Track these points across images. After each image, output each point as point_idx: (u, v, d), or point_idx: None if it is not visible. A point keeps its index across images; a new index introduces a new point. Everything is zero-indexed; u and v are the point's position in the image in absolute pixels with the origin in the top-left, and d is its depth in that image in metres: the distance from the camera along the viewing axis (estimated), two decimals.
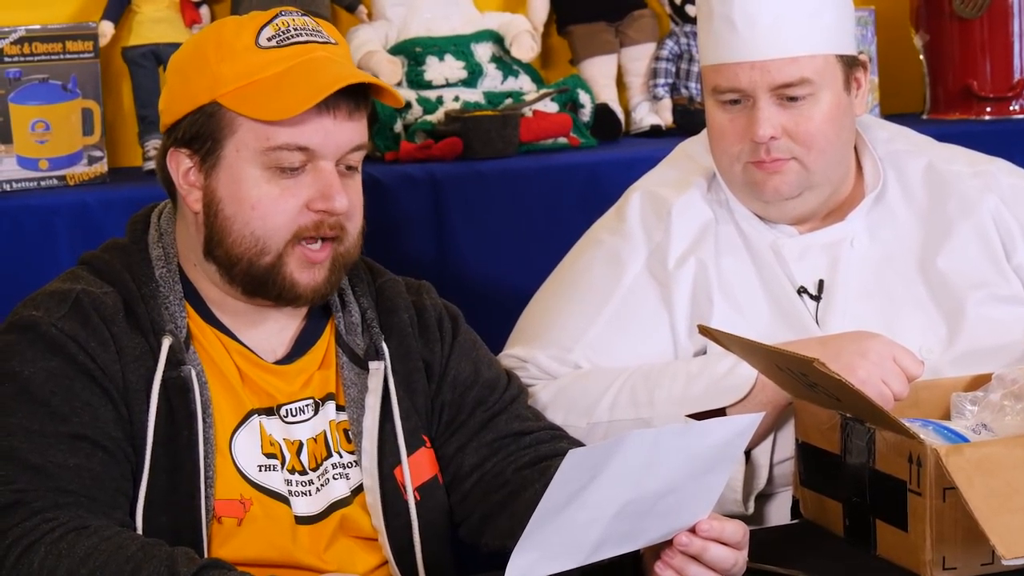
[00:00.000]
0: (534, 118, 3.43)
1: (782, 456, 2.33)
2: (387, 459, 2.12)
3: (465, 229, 3.23)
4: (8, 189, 3.04)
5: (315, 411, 2.12)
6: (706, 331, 2.15)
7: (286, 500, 2.07)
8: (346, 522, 2.10)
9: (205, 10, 3.39)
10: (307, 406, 2.12)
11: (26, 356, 2.00)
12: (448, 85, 3.47)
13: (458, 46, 3.51)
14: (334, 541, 2.09)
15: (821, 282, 2.45)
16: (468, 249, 3.23)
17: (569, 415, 2.37)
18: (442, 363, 2.21)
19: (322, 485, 2.10)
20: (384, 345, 2.15)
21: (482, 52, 3.54)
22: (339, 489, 2.11)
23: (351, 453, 2.13)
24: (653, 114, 3.73)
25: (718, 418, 1.87)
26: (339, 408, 2.14)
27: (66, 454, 1.95)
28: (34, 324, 2.01)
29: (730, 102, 2.41)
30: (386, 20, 3.55)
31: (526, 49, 3.56)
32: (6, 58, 3.02)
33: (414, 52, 3.49)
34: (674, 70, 3.76)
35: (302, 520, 2.07)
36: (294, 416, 2.11)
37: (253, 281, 2.07)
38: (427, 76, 3.46)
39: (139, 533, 1.97)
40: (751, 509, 2.33)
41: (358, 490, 2.12)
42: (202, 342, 2.08)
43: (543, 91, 3.51)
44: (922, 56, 3.97)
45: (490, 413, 2.22)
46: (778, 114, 2.38)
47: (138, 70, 3.32)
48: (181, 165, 2.07)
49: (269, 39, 2.04)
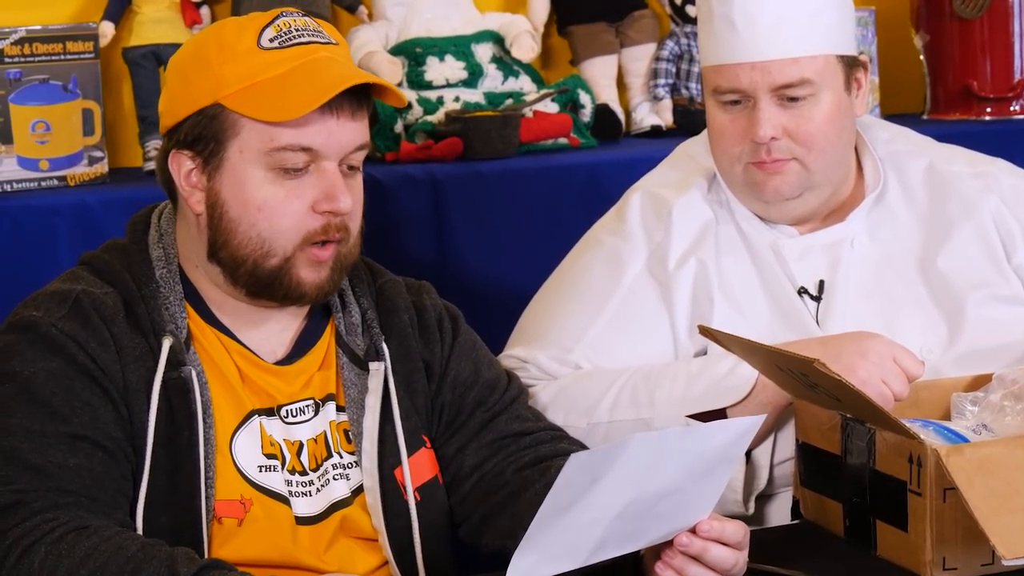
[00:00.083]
0: (534, 118, 3.43)
1: (782, 456, 2.33)
2: (387, 459, 2.12)
3: (465, 229, 3.23)
4: (8, 189, 3.04)
5: (315, 412, 2.12)
6: (706, 331, 2.14)
7: (286, 500, 2.07)
8: (346, 522, 2.10)
9: (206, 10, 3.39)
10: (307, 407, 2.12)
11: (26, 356, 2.00)
12: (448, 85, 3.47)
13: (458, 46, 3.51)
14: (334, 541, 2.09)
15: (821, 282, 2.45)
16: (468, 249, 3.23)
17: (569, 415, 2.36)
18: (442, 363, 2.21)
19: (322, 486, 2.10)
20: (384, 345, 2.15)
21: (482, 52, 3.54)
22: (339, 489, 2.11)
23: (351, 453, 2.13)
24: (653, 114, 3.73)
25: (720, 420, 1.86)
26: (339, 408, 2.14)
27: (66, 454, 1.95)
28: (34, 324, 2.01)
29: (731, 103, 2.41)
30: (386, 20, 3.55)
31: (526, 49, 3.55)
32: (7, 59, 3.02)
33: (414, 52, 3.48)
34: (674, 70, 3.76)
35: (302, 520, 2.07)
36: (294, 417, 2.11)
37: (258, 282, 2.07)
38: (427, 76, 3.46)
39: (139, 533, 1.97)
40: (751, 509, 2.33)
41: (358, 490, 2.12)
42: (202, 342, 2.08)
43: (543, 91, 3.51)
44: (922, 56, 3.96)
45: (490, 414, 2.22)
46: (779, 114, 2.38)
47: (138, 70, 3.32)
48: (183, 167, 2.07)
49: (271, 40, 2.04)
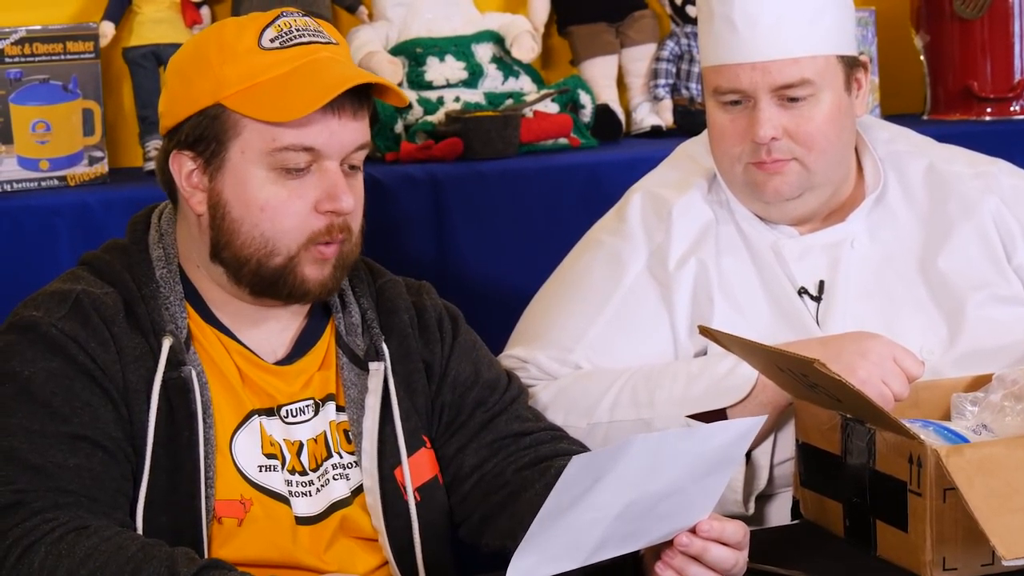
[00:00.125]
0: (535, 119, 3.43)
1: (782, 457, 2.33)
2: (387, 460, 2.12)
3: (465, 230, 3.23)
4: (9, 189, 3.04)
5: (315, 412, 2.12)
6: (706, 332, 2.14)
7: (286, 500, 2.07)
8: (346, 522, 2.10)
9: (206, 10, 3.39)
10: (307, 407, 2.12)
11: (26, 356, 2.00)
12: (449, 86, 3.47)
13: (459, 47, 3.51)
14: (334, 541, 2.09)
15: (822, 283, 2.45)
16: (468, 250, 3.23)
17: (569, 416, 2.36)
18: (442, 364, 2.21)
19: (322, 486, 2.10)
20: (384, 346, 2.15)
21: (483, 53, 3.54)
22: (339, 489, 2.11)
23: (351, 454, 2.13)
24: (654, 115, 3.73)
25: (721, 422, 1.86)
26: (339, 409, 2.14)
27: (66, 454, 1.95)
28: (34, 324, 2.01)
29: (731, 103, 2.41)
30: (387, 21, 3.55)
31: (527, 50, 3.55)
32: (7, 59, 3.02)
33: (415, 53, 3.48)
34: (675, 71, 3.76)
35: (302, 520, 2.07)
36: (294, 417, 2.11)
37: (262, 282, 2.07)
38: (428, 77, 3.46)
39: (139, 533, 1.97)
40: (751, 510, 2.33)
41: (358, 490, 2.12)
42: (202, 342, 2.08)
43: (544, 92, 3.51)
44: (922, 57, 3.96)
45: (490, 414, 2.21)
46: (779, 115, 2.38)
47: (139, 70, 3.32)
48: (184, 168, 2.07)
49: (272, 40, 2.04)
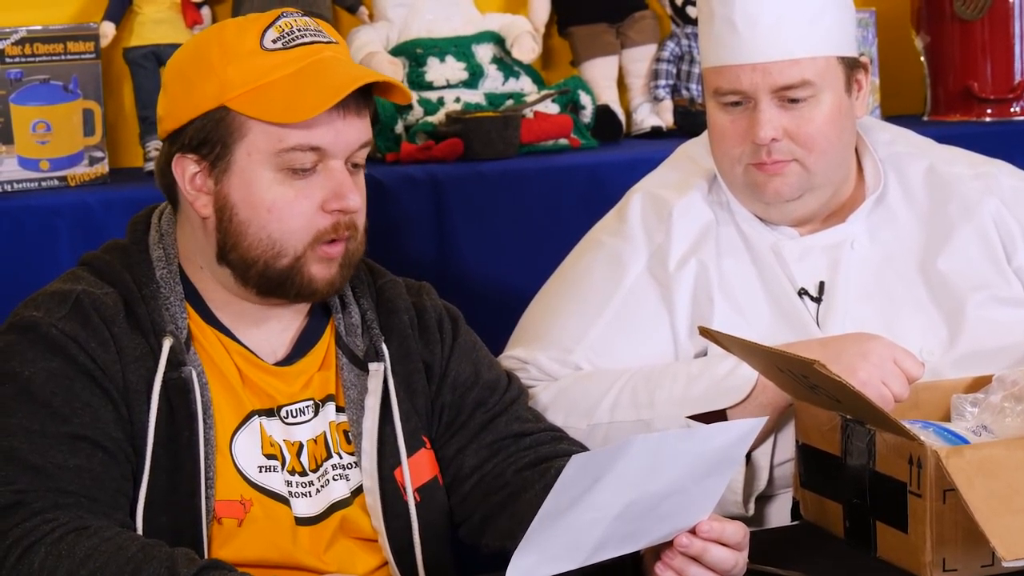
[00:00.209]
0: (535, 119, 3.43)
1: (782, 458, 2.33)
2: (387, 460, 2.12)
3: (466, 230, 3.23)
4: (9, 190, 3.04)
5: (315, 412, 2.12)
6: (707, 332, 2.14)
7: (286, 501, 2.07)
8: (346, 523, 2.10)
9: (206, 11, 3.39)
10: (307, 407, 2.12)
11: (27, 356, 2.00)
12: (449, 86, 3.47)
13: (459, 47, 3.51)
14: (334, 542, 2.09)
15: (822, 284, 2.45)
16: (469, 250, 3.23)
17: (569, 416, 2.36)
18: (442, 364, 2.21)
19: (322, 486, 2.10)
20: (384, 346, 2.15)
21: (483, 53, 3.54)
22: (339, 490, 2.11)
23: (351, 454, 2.13)
24: (654, 115, 3.73)
25: (721, 422, 1.87)
26: (339, 409, 2.14)
27: (66, 455, 1.95)
28: (35, 324, 2.01)
29: (731, 104, 2.41)
30: (387, 21, 3.55)
31: (527, 50, 3.55)
32: (7, 59, 3.02)
33: (415, 53, 3.49)
34: (675, 71, 3.76)
35: (302, 521, 2.07)
36: (294, 417, 2.11)
37: (269, 282, 2.07)
38: (428, 77, 3.46)
39: (139, 534, 1.97)
40: (751, 510, 2.33)
41: (358, 491, 2.12)
42: (202, 343, 2.08)
43: (544, 92, 3.51)
44: (923, 57, 3.97)
45: (490, 414, 2.21)
46: (779, 116, 2.38)
47: (139, 71, 3.32)
48: (187, 171, 2.06)
49: (274, 41, 2.03)
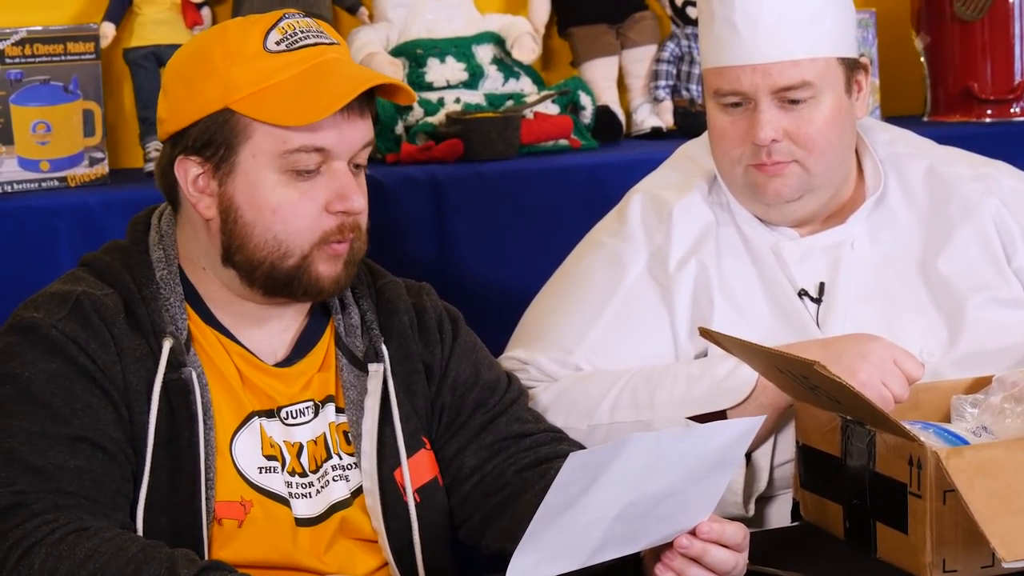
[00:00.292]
0: (535, 120, 3.43)
1: (782, 458, 2.33)
2: (387, 461, 2.12)
3: (466, 231, 3.23)
4: (9, 190, 3.04)
5: (315, 413, 2.12)
6: (707, 333, 2.14)
7: (286, 502, 2.07)
8: (346, 524, 2.10)
9: (207, 11, 3.39)
10: (307, 408, 2.12)
11: (27, 358, 1.99)
12: (449, 87, 3.47)
13: (459, 48, 3.51)
14: (334, 543, 2.09)
15: (822, 284, 2.45)
16: (469, 251, 3.23)
17: (569, 417, 2.36)
18: (442, 365, 2.21)
19: (322, 487, 2.10)
20: (384, 347, 2.15)
21: (483, 54, 3.54)
22: (339, 491, 2.11)
23: (351, 455, 2.13)
24: (654, 116, 3.73)
25: (720, 421, 1.86)
26: (339, 410, 2.14)
27: (67, 456, 1.95)
28: (35, 326, 2.01)
29: (731, 105, 2.41)
30: (387, 22, 3.55)
31: (527, 51, 3.55)
32: (7, 59, 3.02)
33: (415, 54, 3.49)
34: (675, 72, 3.76)
35: (302, 522, 2.07)
36: (294, 418, 2.11)
37: (276, 282, 2.07)
38: (428, 78, 3.46)
39: (139, 535, 1.97)
40: (751, 511, 2.33)
41: (358, 492, 2.12)
42: (202, 344, 2.08)
43: (544, 93, 3.51)
44: (923, 58, 3.97)
45: (490, 415, 2.22)
46: (779, 117, 2.38)
47: (139, 71, 3.32)
48: (190, 173, 2.06)
49: (278, 43, 2.03)
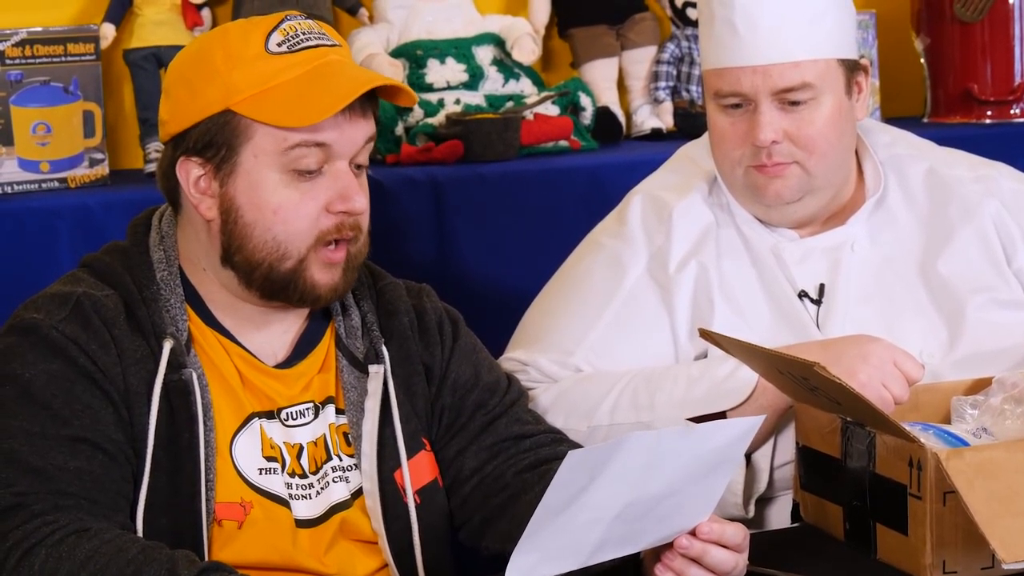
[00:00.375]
0: (535, 121, 3.43)
1: (782, 460, 2.33)
2: (387, 462, 2.12)
3: (466, 232, 3.23)
4: (9, 191, 3.04)
5: (315, 414, 2.12)
6: (707, 335, 2.14)
7: (286, 503, 2.07)
8: (346, 525, 2.10)
9: (207, 12, 3.39)
10: (307, 409, 2.12)
11: (27, 358, 1.99)
12: (449, 88, 3.47)
13: (459, 49, 3.51)
14: (334, 544, 2.09)
15: (822, 286, 2.45)
16: (469, 252, 3.23)
17: (570, 418, 2.36)
18: (442, 366, 2.21)
19: (322, 488, 2.10)
20: (384, 349, 2.15)
21: (483, 55, 3.54)
22: (339, 492, 2.11)
23: (351, 456, 2.13)
24: (654, 117, 3.73)
25: (719, 421, 1.87)
26: (339, 411, 2.14)
27: (67, 456, 1.95)
28: (35, 326, 2.01)
29: (731, 106, 2.41)
30: (387, 23, 3.55)
31: (527, 52, 3.55)
32: (7, 60, 3.02)
33: (415, 55, 3.49)
34: (675, 73, 3.76)
35: (302, 523, 2.07)
36: (294, 420, 2.11)
37: (273, 285, 2.07)
38: (428, 79, 3.46)
39: (139, 536, 1.97)
40: (751, 512, 2.33)
41: (358, 493, 2.12)
42: (203, 345, 2.08)
43: (544, 94, 3.51)
44: (923, 59, 3.97)
45: (490, 416, 2.22)
46: (779, 118, 2.38)
47: (139, 72, 3.32)
48: (191, 174, 2.06)
49: (279, 45, 2.03)
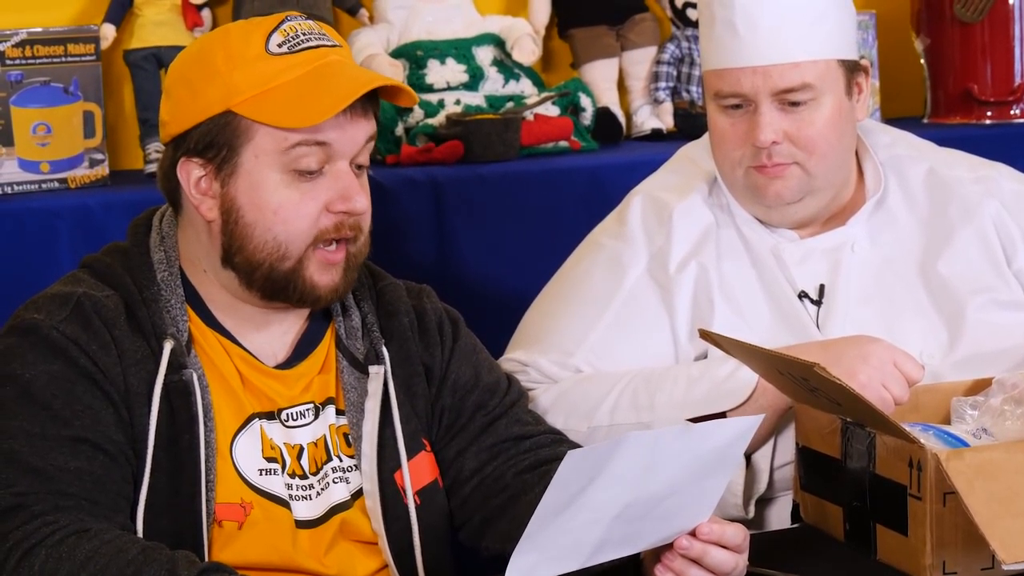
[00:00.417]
0: (535, 121, 3.43)
1: (782, 460, 2.33)
2: (387, 463, 2.12)
3: (466, 232, 3.23)
4: (9, 192, 3.04)
5: (315, 415, 2.12)
6: (707, 335, 2.14)
7: (286, 504, 2.07)
8: (346, 526, 2.10)
9: (207, 13, 3.39)
10: (307, 410, 2.12)
11: (27, 359, 2.00)
12: (449, 88, 3.47)
13: (459, 49, 3.51)
14: (334, 545, 2.09)
15: (822, 287, 2.45)
16: (469, 253, 3.23)
17: (570, 419, 2.36)
18: (442, 367, 2.21)
19: (322, 489, 2.10)
20: (384, 349, 2.15)
21: (483, 55, 3.54)
22: (339, 493, 2.11)
23: (351, 457, 2.13)
24: (654, 118, 3.73)
25: (718, 420, 1.87)
26: (339, 412, 2.14)
27: (67, 457, 1.95)
28: (35, 327, 2.01)
29: (732, 107, 2.41)
30: (387, 23, 3.55)
31: (527, 52, 3.55)
32: (8, 61, 3.02)
33: (415, 55, 3.49)
34: (675, 74, 3.76)
35: (302, 524, 2.07)
36: (295, 420, 2.11)
37: (273, 286, 2.07)
38: (428, 79, 3.46)
39: (140, 536, 1.97)
40: (751, 513, 2.33)
41: (358, 494, 2.12)
42: (203, 346, 2.08)
43: (544, 94, 3.51)
44: (923, 60, 3.96)
45: (490, 417, 2.22)
46: (780, 119, 2.38)
47: (139, 73, 3.32)
48: (192, 175, 2.06)
49: (280, 45, 2.03)
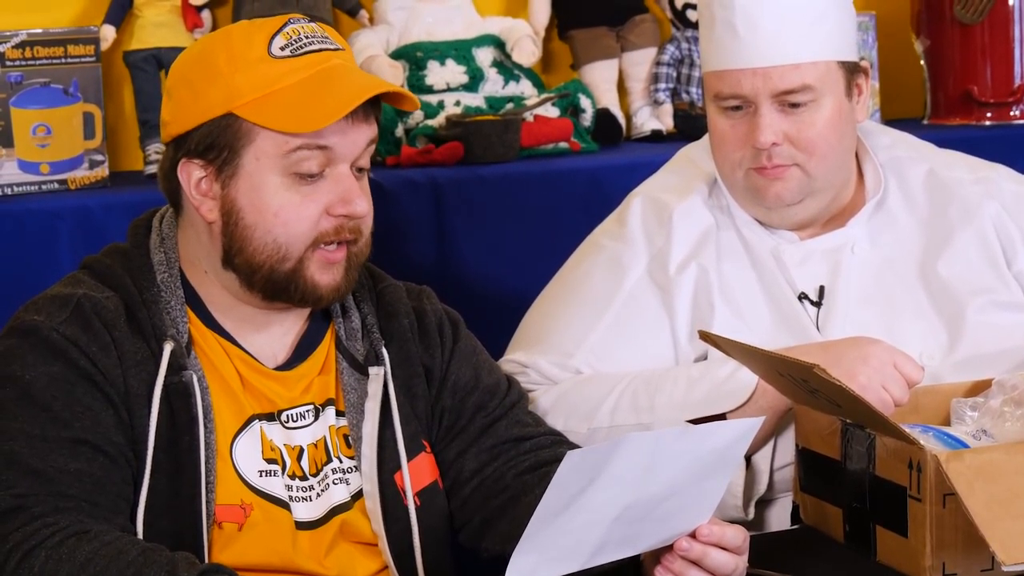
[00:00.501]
0: (535, 123, 3.43)
1: (782, 462, 2.33)
2: (387, 464, 2.12)
3: (466, 234, 3.23)
4: (9, 193, 3.04)
5: (315, 416, 2.12)
6: (707, 336, 2.15)
7: (286, 505, 2.07)
8: (346, 527, 2.10)
9: (207, 14, 3.39)
10: (307, 411, 2.12)
11: (27, 360, 1.99)
12: (449, 90, 3.47)
13: (459, 50, 3.52)
14: (334, 546, 2.09)
15: (822, 288, 2.45)
16: (469, 254, 3.23)
17: (570, 420, 2.36)
18: (442, 368, 2.21)
19: (322, 490, 2.10)
20: (384, 350, 2.15)
21: (483, 57, 3.54)
22: (339, 494, 2.11)
23: (351, 458, 2.13)
24: (654, 119, 3.73)
25: (718, 422, 1.87)
26: (339, 413, 2.14)
27: (67, 458, 1.95)
28: (35, 328, 2.01)
29: (732, 108, 2.41)
30: (387, 24, 3.55)
31: (527, 54, 3.56)
32: (8, 62, 3.02)
33: (415, 56, 3.49)
34: (675, 75, 3.76)
35: (302, 525, 2.07)
36: (295, 422, 2.11)
37: (274, 287, 2.07)
38: (428, 80, 3.46)
39: (140, 538, 1.97)
40: (751, 514, 2.33)
41: (358, 495, 2.12)
42: (203, 347, 2.08)
43: (544, 96, 3.52)
44: (923, 61, 3.97)
45: (490, 418, 2.22)
46: (780, 120, 2.38)
47: (139, 74, 3.32)
48: (193, 176, 2.06)
49: (282, 48, 2.03)
